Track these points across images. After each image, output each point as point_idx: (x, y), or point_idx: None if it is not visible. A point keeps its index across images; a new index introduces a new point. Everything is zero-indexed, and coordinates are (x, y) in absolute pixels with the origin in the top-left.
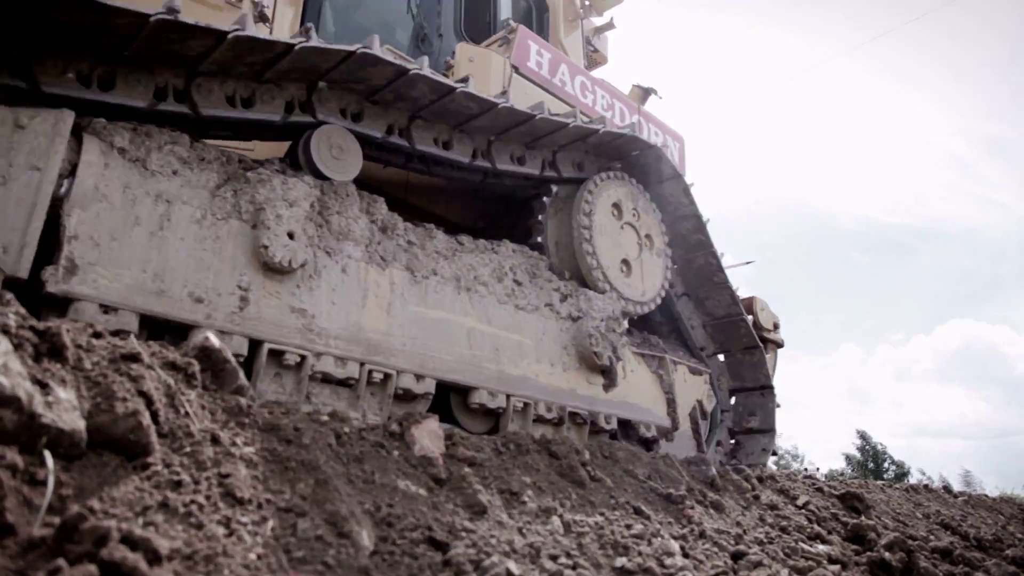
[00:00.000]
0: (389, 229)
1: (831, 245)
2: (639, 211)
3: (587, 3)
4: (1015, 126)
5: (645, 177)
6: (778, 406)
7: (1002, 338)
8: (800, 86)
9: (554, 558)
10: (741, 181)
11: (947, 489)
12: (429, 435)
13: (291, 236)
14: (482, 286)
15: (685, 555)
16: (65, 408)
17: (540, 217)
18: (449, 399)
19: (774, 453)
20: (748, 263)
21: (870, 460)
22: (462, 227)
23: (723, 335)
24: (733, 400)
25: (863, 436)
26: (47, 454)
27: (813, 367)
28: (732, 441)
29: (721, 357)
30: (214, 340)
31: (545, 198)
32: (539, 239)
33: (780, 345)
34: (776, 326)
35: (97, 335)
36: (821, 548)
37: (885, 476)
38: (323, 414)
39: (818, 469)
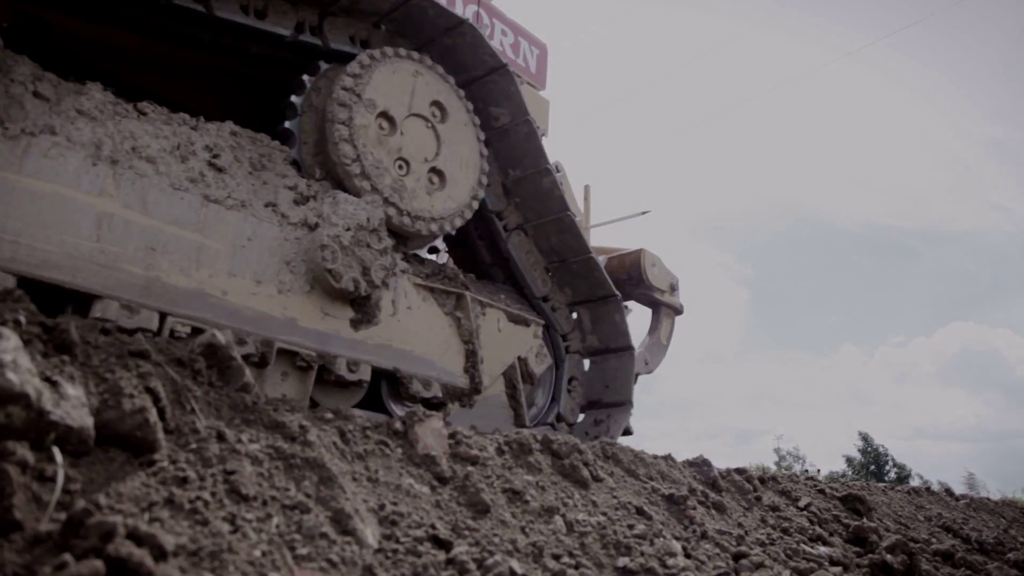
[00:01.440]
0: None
1: (832, 247)
2: (440, 106)
3: None
4: (1017, 129)
5: (463, 68)
6: (648, 372)
7: (1003, 341)
8: (802, 88)
9: (557, 557)
10: (743, 183)
11: (949, 492)
12: (432, 434)
13: None
14: (146, 163)
15: (687, 555)
16: (73, 405)
17: (294, 98)
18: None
19: (627, 432)
20: (644, 212)
21: (871, 462)
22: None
23: (570, 282)
24: (588, 365)
25: (865, 438)
26: (56, 450)
27: (814, 368)
28: (582, 416)
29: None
30: (220, 337)
31: (307, 76)
32: (287, 125)
33: (678, 311)
34: (673, 288)
35: (105, 332)
36: (823, 550)
37: (886, 478)
38: (328, 412)
39: (819, 471)
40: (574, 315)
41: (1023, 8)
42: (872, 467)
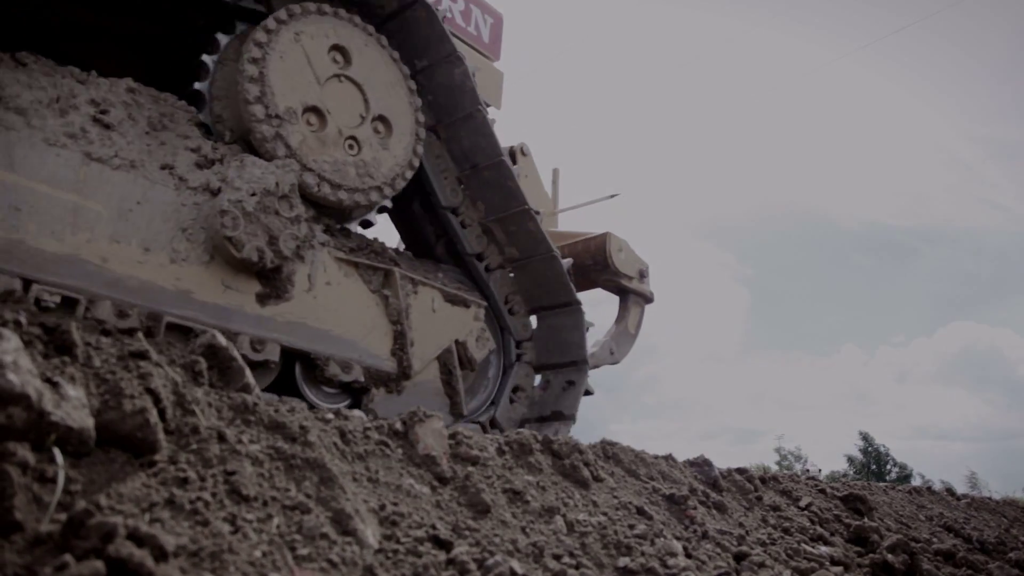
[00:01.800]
0: None
1: (833, 247)
2: (366, 64)
3: None
4: (1018, 128)
5: (404, 34)
6: (614, 362)
7: (1004, 341)
8: (802, 88)
9: (557, 557)
10: (744, 183)
11: (950, 491)
12: (433, 434)
13: None
14: (14, 115)
15: (688, 555)
16: (74, 406)
17: (206, 57)
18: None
19: (562, 418)
20: (612, 196)
21: (872, 462)
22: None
23: (519, 264)
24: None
25: (865, 437)
26: (57, 451)
27: (815, 368)
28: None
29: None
30: (221, 338)
31: (221, 35)
32: (197, 86)
33: (647, 298)
34: (642, 274)
35: (106, 332)
36: (824, 550)
37: (887, 478)
38: (329, 412)
39: (820, 470)
40: (532, 320)
41: (1023, 8)
42: (873, 467)
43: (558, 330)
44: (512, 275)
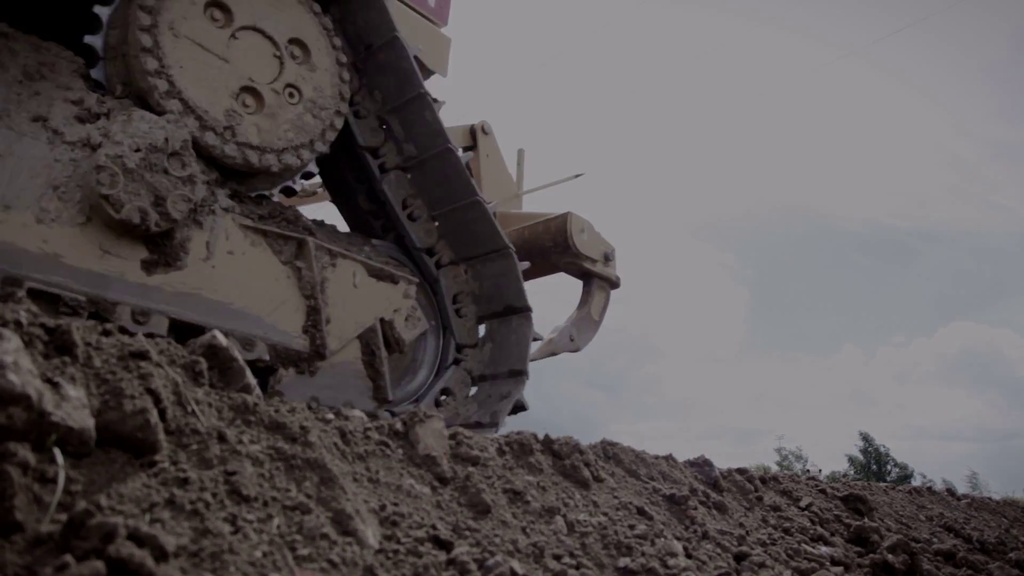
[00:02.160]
0: None
1: (833, 247)
2: (284, 19)
3: None
4: (1019, 128)
5: None
6: (574, 349)
7: (1004, 341)
8: (803, 88)
9: (558, 558)
10: (744, 183)
11: (950, 492)
12: (433, 434)
13: None
14: None
15: (688, 556)
16: (74, 406)
17: (98, 9)
18: None
19: (517, 410)
20: (577, 176)
21: (872, 462)
22: None
23: (455, 233)
24: (483, 332)
25: (865, 438)
26: (57, 452)
27: (815, 368)
28: (474, 389)
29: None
30: (221, 339)
31: None
32: (88, 39)
33: (613, 283)
34: (608, 257)
35: (106, 332)
36: (824, 550)
37: (888, 478)
38: (329, 412)
39: (820, 471)
40: (481, 330)
41: (1023, 8)
42: (873, 467)
43: (504, 340)
44: (466, 273)
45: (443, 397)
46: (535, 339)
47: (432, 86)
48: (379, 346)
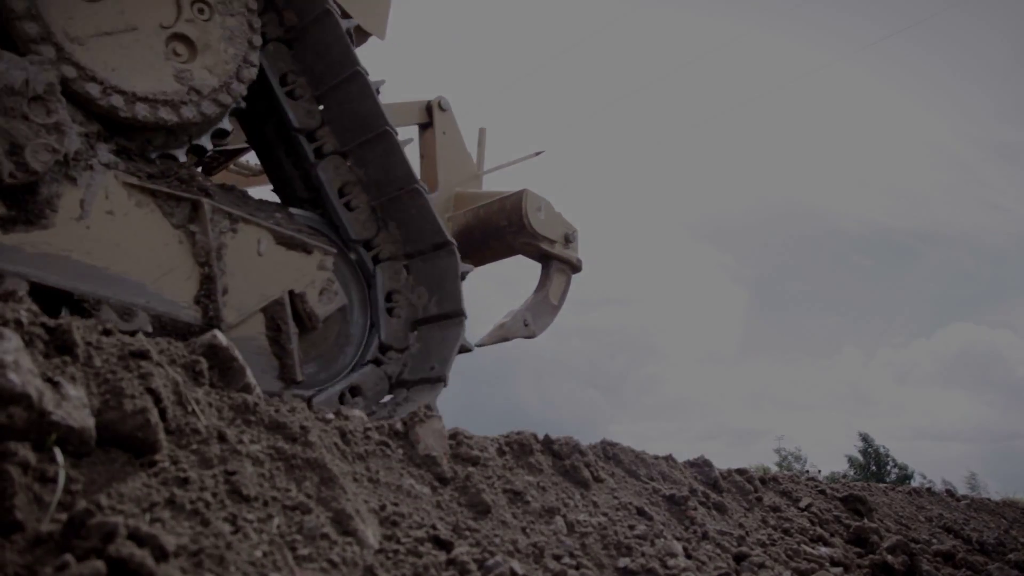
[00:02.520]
0: None
1: (832, 247)
2: None
3: None
4: (1018, 129)
5: None
6: (530, 335)
7: (1003, 342)
8: (802, 88)
9: (557, 558)
10: (744, 183)
11: (950, 492)
12: (433, 434)
13: None
14: None
15: (688, 556)
16: (75, 405)
17: None
18: None
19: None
20: (538, 153)
21: (872, 463)
22: None
23: (396, 225)
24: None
25: (865, 439)
26: (57, 451)
27: (814, 369)
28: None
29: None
30: (221, 338)
31: None
32: None
33: (574, 266)
34: (568, 239)
35: (107, 332)
36: (823, 550)
37: (887, 479)
38: (329, 413)
39: (820, 471)
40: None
41: (1023, 9)
42: (873, 467)
43: (429, 342)
44: (407, 272)
45: (351, 396)
46: (463, 349)
47: (379, 56)
48: (287, 321)
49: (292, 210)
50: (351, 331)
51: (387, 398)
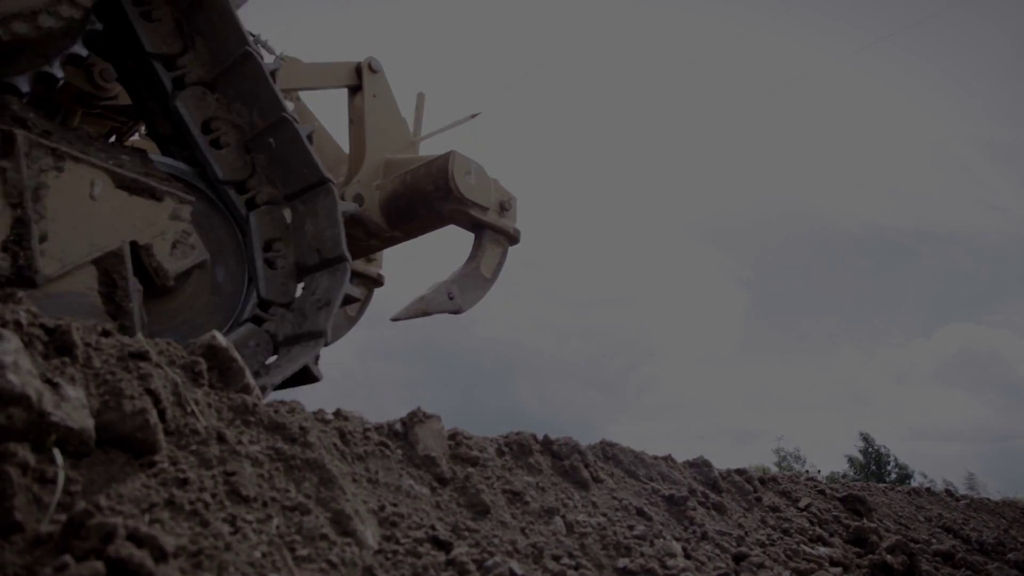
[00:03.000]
0: None
1: (832, 248)
2: None
3: None
4: (1016, 130)
5: None
6: (456, 310)
7: (1002, 342)
8: (802, 88)
9: (557, 558)
10: (743, 184)
11: (949, 492)
12: (432, 435)
13: None
14: None
15: (687, 556)
16: (74, 406)
17: None
18: None
19: (306, 380)
20: (474, 116)
21: (872, 462)
22: None
23: (271, 164)
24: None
25: (866, 438)
26: (57, 452)
27: (814, 369)
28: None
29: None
30: (221, 339)
31: None
32: None
33: (512, 237)
34: (504, 207)
35: (106, 333)
36: (823, 550)
37: (887, 479)
38: (329, 413)
39: (819, 471)
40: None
41: (1022, 9)
42: (873, 467)
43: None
44: (291, 216)
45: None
46: (348, 299)
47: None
48: (124, 276)
49: (153, 156)
50: (224, 288)
51: (272, 359)
